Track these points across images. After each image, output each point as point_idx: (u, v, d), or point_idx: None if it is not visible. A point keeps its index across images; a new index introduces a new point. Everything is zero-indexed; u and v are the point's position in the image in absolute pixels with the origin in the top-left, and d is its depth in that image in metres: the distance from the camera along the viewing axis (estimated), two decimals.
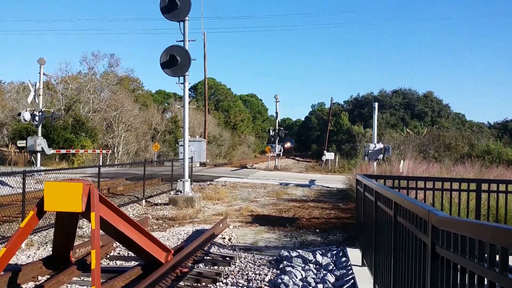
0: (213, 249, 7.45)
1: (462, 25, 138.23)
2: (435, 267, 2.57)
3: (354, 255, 6.49)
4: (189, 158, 13.56)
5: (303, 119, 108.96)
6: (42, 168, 19.45)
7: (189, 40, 12.52)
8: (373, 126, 21.36)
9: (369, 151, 20.03)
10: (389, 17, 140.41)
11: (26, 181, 7.85)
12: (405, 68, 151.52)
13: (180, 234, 8.69)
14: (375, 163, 19.48)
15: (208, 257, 6.83)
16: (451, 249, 2.28)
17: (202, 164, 33.15)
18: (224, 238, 8.37)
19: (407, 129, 46.85)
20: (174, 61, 12.04)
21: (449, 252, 2.32)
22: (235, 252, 7.31)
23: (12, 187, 14.47)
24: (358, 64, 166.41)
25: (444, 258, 2.41)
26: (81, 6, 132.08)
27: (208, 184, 18.45)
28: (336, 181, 20.43)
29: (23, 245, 6.99)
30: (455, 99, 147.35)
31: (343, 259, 6.64)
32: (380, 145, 20.15)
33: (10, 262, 5.13)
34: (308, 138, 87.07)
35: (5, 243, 4.74)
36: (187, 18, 12.37)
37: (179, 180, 12.95)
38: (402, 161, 17.33)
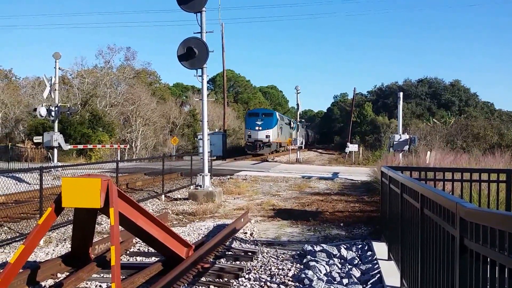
0: (235, 244, 7.35)
1: (487, 13, 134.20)
2: (463, 260, 2.51)
3: (380, 249, 6.34)
4: (208, 151, 13.47)
5: (325, 110, 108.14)
6: (59, 164, 19.60)
7: (206, 32, 12.38)
8: (398, 116, 20.90)
9: (394, 142, 19.58)
10: (413, 4, 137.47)
11: (43, 177, 7.88)
12: (430, 56, 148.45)
13: (201, 229, 8.63)
14: (400, 154, 19.06)
15: (229, 252, 6.74)
16: (480, 241, 2.21)
17: (222, 158, 33.25)
18: (245, 233, 8.26)
19: (434, 119, 45.79)
20: (192, 53, 11.91)
21: (478, 245, 2.25)
22: (257, 247, 7.19)
23: (30, 184, 14.74)
24: (381, 54, 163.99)
25: (473, 251, 2.34)
26: (97, 1, 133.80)
27: (228, 178, 18.37)
28: (360, 174, 20.09)
29: (41, 242, 7.03)
30: (483, 87, 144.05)
31: (369, 253, 6.48)
32: (405, 136, 19.67)
33: (29, 259, 5.15)
34: (331, 129, 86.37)
35: (24, 240, 4.73)
36: (204, 9, 12.22)
37: (198, 175, 12.89)
38: (429, 152, 16.87)
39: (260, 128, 38.26)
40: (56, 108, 19.97)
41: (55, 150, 20.06)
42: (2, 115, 42.42)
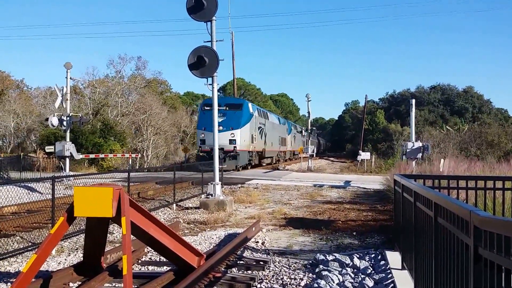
0: (246, 253, 7.31)
1: (500, 18, 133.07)
2: (478, 269, 2.47)
3: (394, 258, 6.26)
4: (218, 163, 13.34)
5: (336, 118, 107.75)
6: (71, 173, 19.75)
7: (216, 40, 12.43)
8: (410, 123, 20.73)
9: (407, 150, 19.40)
10: (425, 11, 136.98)
11: (55, 187, 7.94)
12: (442, 63, 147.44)
13: (212, 238, 8.60)
14: (413, 162, 18.88)
15: (241, 262, 6.70)
16: (495, 250, 2.16)
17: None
18: (257, 242, 8.22)
19: (447, 126, 45.34)
20: (202, 62, 11.97)
21: (492, 254, 2.21)
22: (269, 256, 7.15)
23: (42, 193, 14.90)
24: (393, 61, 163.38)
25: (488, 260, 2.30)
26: (107, 10, 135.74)
27: (239, 187, 18.33)
28: (372, 182, 19.92)
29: (53, 252, 7.06)
30: (496, 94, 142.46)
31: (382, 262, 6.39)
32: (418, 144, 19.49)
33: (41, 268, 5.17)
34: (342, 137, 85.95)
35: (36, 250, 4.76)
36: (214, 18, 12.30)
37: (209, 183, 12.88)
38: (442, 160, 16.69)
39: (221, 127, 24.09)
40: (68, 118, 20.17)
41: (67, 160, 20.22)
42: (14, 125, 43.08)
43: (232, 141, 25.92)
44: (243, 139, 26.96)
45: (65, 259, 7.02)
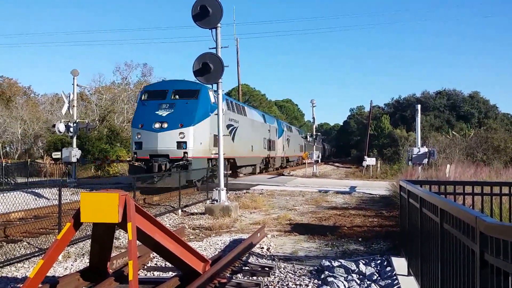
0: (251, 259, 7.30)
1: (503, 24, 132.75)
2: (484, 275, 2.46)
3: (400, 264, 6.23)
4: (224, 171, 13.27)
5: (341, 123, 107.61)
6: (78, 179, 19.83)
7: (221, 47, 12.54)
8: (416, 129, 20.66)
9: (413, 156, 19.33)
10: (429, 17, 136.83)
11: (62, 192, 7.99)
12: (447, 68, 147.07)
13: (217, 243, 8.61)
14: (419, 168, 18.80)
15: (246, 267, 6.70)
16: (501, 256, 2.15)
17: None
18: (262, 247, 8.21)
19: (453, 132, 45.13)
20: (207, 68, 12.07)
21: (499, 260, 2.20)
22: (274, 262, 7.13)
23: (48, 199, 14.98)
24: (398, 66, 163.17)
25: (494, 266, 2.29)
26: (113, 17, 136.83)
27: (244, 193, 18.32)
28: (378, 188, 19.84)
29: (60, 257, 7.09)
30: (503, 99, 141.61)
31: (388, 268, 6.36)
32: (424, 149, 19.41)
33: (48, 274, 5.20)
34: (347, 143, 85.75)
35: (43, 255, 4.79)
36: (219, 25, 12.42)
37: (214, 189, 12.90)
38: (448, 165, 16.63)
39: (165, 124, 17.79)
40: (75, 124, 20.33)
41: (74, 166, 20.36)
42: (21, 131, 43.40)
43: (181, 145, 17.50)
44: (199, 140, 18.11)
45: (71, 265, 7.05)
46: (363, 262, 6.72)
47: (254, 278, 6.24)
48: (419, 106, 20.50)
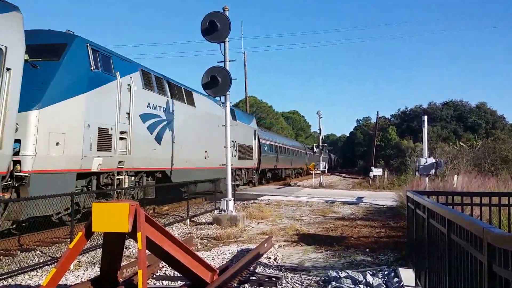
0: (259, 269, 7.32)
1: (509, 33, 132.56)
2: (492, 287, 2.45)
3: (407, 275, 6.23)
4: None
5: (348, 134, 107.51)
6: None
7: (229, 61, 12.82)
8: (423, 139, 20.60)
9: (420, 166, 19.23)
10: (437, 29, 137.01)
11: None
12: (454, 79, 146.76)
13: (225, 253, 8.64)
14: (426, 178, 18.72)
15: (253, 277, 6.72)
16: (510, 268, 2.16)
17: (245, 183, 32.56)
18: (269, 257, 8.24)
19: (460, 142, 44.92)
20: (215, 81, 12.34)
21: (507, 271, 2.20)
22: (281, 272, 7.15)
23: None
24: (405, 77, 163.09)
25: (502, 278, 2.29)
26: (125, 31, 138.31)
27: (251, 203, 18.35)
28: (385, 198, 19.79)
29: (72, 266, 7.17)
30: (510, 109, 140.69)
31: (395, 279, 6.36)
32: (431, 160, 19.31)
33: (60, 282, 5.26)
34: (354, 153, 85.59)
35: (55, 264, 4.86)
36: (227, 39, 12.69)
37: (222, 199, 12.97)
38: (456, 176, 16.57)
39: None
40: None
41: None
42: None
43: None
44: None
45: (83, 273, 7.12)
46: (370, 273, 6.72)
47: None
48: (425, 117, 20.45)
